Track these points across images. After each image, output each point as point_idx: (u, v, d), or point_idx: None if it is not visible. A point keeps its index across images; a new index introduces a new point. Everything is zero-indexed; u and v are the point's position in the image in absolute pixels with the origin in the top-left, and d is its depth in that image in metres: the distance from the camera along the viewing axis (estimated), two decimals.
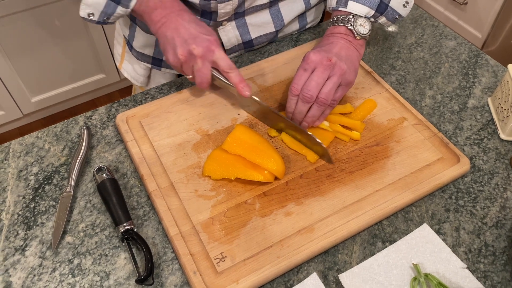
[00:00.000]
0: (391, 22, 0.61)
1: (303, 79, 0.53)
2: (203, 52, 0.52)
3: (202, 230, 0.48)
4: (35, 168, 0.55)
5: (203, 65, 0.53)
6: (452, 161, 0.54)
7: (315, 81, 0.52)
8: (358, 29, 0.57)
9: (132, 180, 0.53)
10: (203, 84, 0.55)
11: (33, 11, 1.33)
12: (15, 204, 0.51)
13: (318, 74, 0.52)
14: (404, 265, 0.46)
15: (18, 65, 1.42)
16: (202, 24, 0.55)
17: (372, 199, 0.50)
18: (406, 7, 0.60)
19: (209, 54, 0.53)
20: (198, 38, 0.52)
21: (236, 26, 0.65)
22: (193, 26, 0.54)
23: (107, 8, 0.55)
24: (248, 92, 0.54)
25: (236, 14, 0.64)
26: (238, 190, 0.51)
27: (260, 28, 0.67)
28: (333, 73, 0.52)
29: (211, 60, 0.54)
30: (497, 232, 0.49)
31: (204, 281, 0.44)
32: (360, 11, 0.57)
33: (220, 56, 0.53)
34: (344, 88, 0.54)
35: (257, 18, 0.66)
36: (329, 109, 0.55)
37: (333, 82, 0.52)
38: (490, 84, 0.65)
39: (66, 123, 0.60)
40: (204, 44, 0.52)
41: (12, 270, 0.46)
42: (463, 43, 0.72)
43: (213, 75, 0.56)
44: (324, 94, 0.52)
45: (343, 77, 0.53)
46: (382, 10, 0.58)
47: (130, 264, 0.46)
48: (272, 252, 0.46)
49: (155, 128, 0.57)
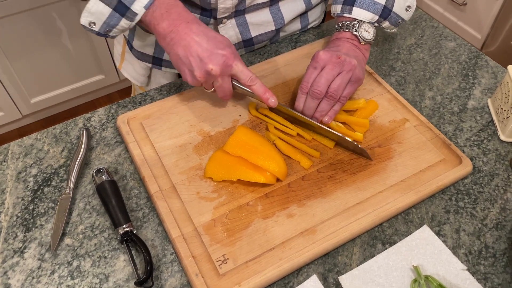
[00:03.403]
0: (394, 26, 0.62)
1: (313, 77, 0.53)
2: (221, 70, 0.51)
3: (204, 232, 0.47)
4: (34, 169, 0.55)
5: (223, 81, 0.53)
6: (454, 163, 0.54)
7: (325, 77, 0.52)
8: (362, 35, 0.58)
9: (132, 181, 0.53)
10: (225, 98, 0.55)
11: (32, 12, 1.33)
12: (14, 206, 0.51)
13: (328, 71, 0.53)
14: (404, 267, 0.46)
15: (17, 66, 1.42)
16: (213, 34, 0.52)
17: (375, 200, 0.50)
18: (409, 11, 0.61)
19: (227, 70, 0.52)
20: (213, 56, 0.50)
21: (236, 24, 0.65)
22: (204, 40, 0.51)
23: (110, 19, 0.53)
24: (274, 102, 0.53)
25: (236, 12, 0.64)
26: (240, 192, 0.51)
27: (260, 27, 0.67)
28: (343, 69, 0.53)
29: (230, 74, 0.53)
30: (497, 233, 0.49)
31: (206, 283, 0.44)
32: (364, 17, 0.58)
33: (239, 70, 0.52)
34: (353, 84, 0.55)
35: (257, 17, 0.66)
36: (339, 105, 0.55)
37: (343, 77, 0.53)
38: (490, 85, 0.65)
39: (65, 125, 0.60)
40: (221, 61, 0.50)
41: (11, 272, 0.46)
42: (462, 44, 0.72)
43: (235, 85, 0.55)
44: (333, 88, 0.52)
45: (353, 72, 0.53)
46: (386, 15, 0.59)
47: (130, 266, 0.46)
48: (274, 254, 0.46)
49: (156, 129, 0.57)
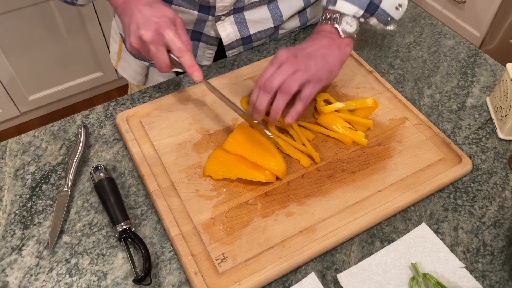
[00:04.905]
0: (384, 24, 0.61)
1: (269, 73, 0.53)
2: (152, 36, 0.50)
3: (203, 231, 0.47)
4: (32, 167, 0.54)
5: (157, 50, 0.51)
6: (454, 162, 0.54)
7: (280, 74, 0.52)
8: (344, 28, 0.57)
9: (130, 179, 0.53)
10: (162, 69, 0.53)
11: (31, 9, 1.32)
12: (11, 203, 0.51)
13: (284, 68, 0.52)
14: (402, 265, 0.46)
15: (16, 63, 1.41)
16: (159, 5, 0.52)
17: (374, 199, 0.50)
18: (399, 9, 0.60)
19: (159, 37, 0.51)
20: (147, 23, 0.50)
21: (235, 21, 0.65)
22: (146, 9, 0.51)
23: None
24: (199, 76, 0.52)
25: (235, 9, 0.63)
26: (239, 190, 0.51)
27: (259, 24, 0.67)
28: (299, 68, 0.52)
29: (163, 44, 0.51)
30: (495, 231, 0.49)
31: (206, 282, 0.44)
32: (348, 10, 0.57)
33: (169, 38, 0.51)
34: (315, 85, 0.53)
35: (255, 14, 0.66)
36: (300, 104, 0.53)
37: (298, 76, 0.52)
38: (488, 83, 0.65)
39: (64, 122, 0.59)
40: (153, 28, 0.50)
41: (8, 270, 0.46)
42: (461, 42, 0.72)
43: (173, 58, 0.53)
44: (286, 84, 0.51)
45: (312, 73, 0.53)
46: (372, 11, 0.58)
47: (128, 263, 0.46)
48: (274, 253, 0.46)
49: (155, 127, 0.57)
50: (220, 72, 0.66)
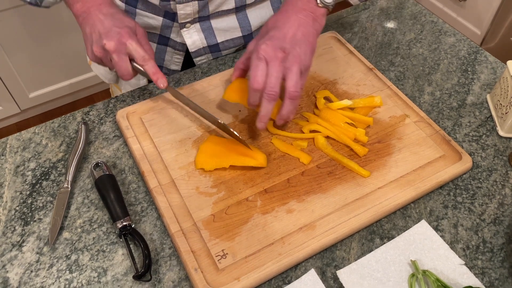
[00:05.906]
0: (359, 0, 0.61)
1: (260, 70, 0.49)
2: (115, 46, 0.51)
3: (203, 227, 0.47)
4: (32, 163, 0.54)
5: (120, 59, 0.52)
6: (454, 159, 0.54)
7: (275, 76, 0.48)
8: None
9: (130, 176, 0.53)
10: (124, 77, 0.54)
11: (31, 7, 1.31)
12: (12, 200, 0.51)
13: (275, 68, 0.48)
14: (402, 262, 0.46)
15: (16, 60, 1.41)
16: (119, 16, 0.54)
17: (374, 196, 0.50)
18: None
19: (121, 47, 0.52)
20: (109, 33, 0.52)
21: (201, 29, 0.65)
22: (108, 20, 0.53)
23: None
24: (162, 84, 0.53)
25: (200, 17, 0.63)
26: (239, 187, 0.51)
27: (226, 33, 0.66)
28: (290, 64, 0.49)
29: (125, 53, 0.53)
30: (495, 228, 0.49)
31: (205, 278, 0.44)
32: None
33: (133, 48, 0.52)
34: (304, 74, 0.51)
35: (223, 23, 0.65)
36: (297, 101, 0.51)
37: (295, 72, 0.49)
38: (489, 81, 0.65)
39: (64, 119, 0.59)
40: (115, 37, 0.51)
41: (9, 266, 0.46)
42: (462, 39, 0.71)
43: (134, 65, 0.54)
44: (293, 86, 0.49)
45: (301, 63, 0.50)
46: None
47: (128, 260, 0.46)
48: (274, 250, 0.46)
49: (155, 124, 0.57)
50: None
